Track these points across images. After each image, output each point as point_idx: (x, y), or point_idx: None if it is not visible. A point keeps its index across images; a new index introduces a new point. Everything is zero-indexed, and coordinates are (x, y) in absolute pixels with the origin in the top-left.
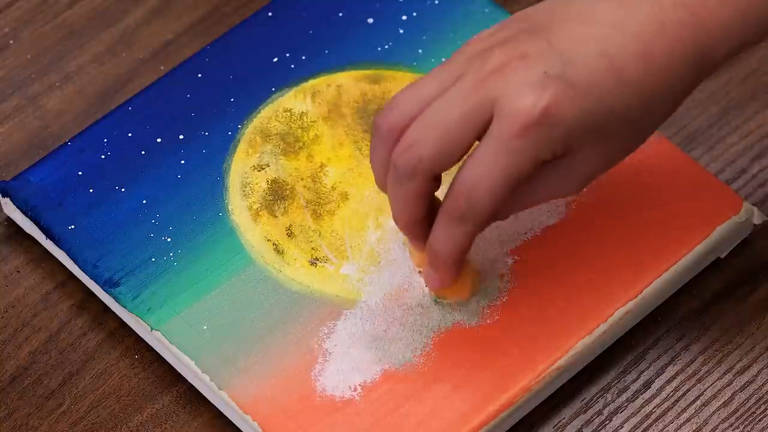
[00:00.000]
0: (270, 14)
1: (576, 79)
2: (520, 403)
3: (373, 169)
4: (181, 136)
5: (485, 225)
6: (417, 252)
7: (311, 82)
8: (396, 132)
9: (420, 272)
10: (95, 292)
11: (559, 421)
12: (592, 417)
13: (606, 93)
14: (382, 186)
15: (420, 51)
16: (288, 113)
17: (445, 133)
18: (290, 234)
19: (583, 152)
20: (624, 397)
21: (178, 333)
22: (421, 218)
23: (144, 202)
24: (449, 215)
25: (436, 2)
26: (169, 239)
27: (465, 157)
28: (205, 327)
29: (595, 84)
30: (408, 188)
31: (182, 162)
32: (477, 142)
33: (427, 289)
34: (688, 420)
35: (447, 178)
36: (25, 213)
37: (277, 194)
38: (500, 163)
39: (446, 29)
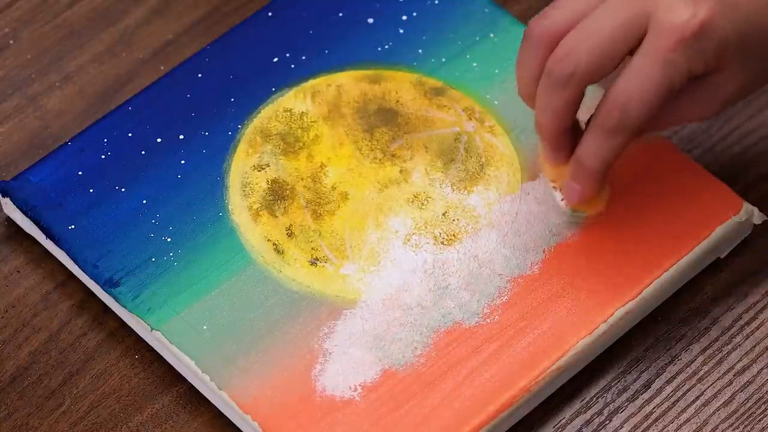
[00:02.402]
0: (270, 14)
1: None
2: (520, 403)
3: (520, 78)
4: (181, 136)
5: (635, 137)
6: (552, 167)
7: (311, 82)
8: (549, 39)
9: (555, 187)
10: (95, 292)
11: (559, 421)
12: (592, 417)
13: (757, 9)
14: (527, 95)
15: (420, 51)
16: (288, 113)
17: (602, 42)
18: (290, 234)
19: (729, 70)
20: (624, 397)
21: (178, 333)
22: (567, 128)
23: (144, 202)
24: (602, 127)
25: (436, 2)
26: (169, 239)
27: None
28: (205, 327)
29: (747, 1)
30: (562, 96)
31: (182, 162)
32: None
33: (562, 204)
34: (688, 420)
35: None
36: (25, 213)
37: (277, 194)
38: (656, 75)
39: (446, 29)
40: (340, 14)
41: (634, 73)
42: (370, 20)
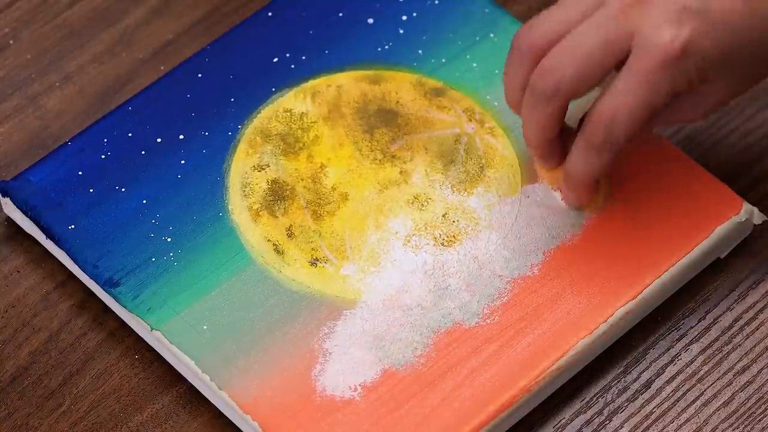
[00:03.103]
0: (270, 14)
1: (713, 13)
2: (520, 403)
3: (507, 88)
4: (181, 136)
5: (620, 152)
6: (545, 170)
7: (311, 83)
8: (535, 51)
9: (552, 188)
10: (95, 292)
11: (559, 421)
12: (592, 417)
13: (739, 25)
14: (514, 105)
15: (420, 51)
16: (288, 113)
17: (586, 59)
18: (290, 234)
19: (714, 83)
20: (624, 397)
21: (178, 333)
22: (553, 138)
23: (144, 202)
24: (588, 143)
25: (436, 2)
26: (169, 239)
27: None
28: (205, 327)
29: (730, 17)
30: (545, 111)
31: (182, 162)
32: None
33: (563, 203)
34: (688, 420)
35: None
36: (25, 213)
37: (277, 194)
38: (639, 95)
39: (446, 29)
40: (340, 14)
41: (619, 92)
42: (370, 20)
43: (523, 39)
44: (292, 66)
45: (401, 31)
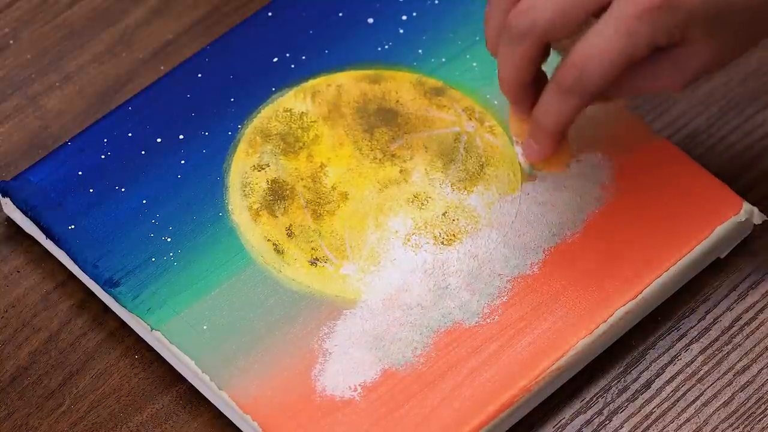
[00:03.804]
0: (270, 14)
1: None
2: (520, 403)
3: (487, 32)
4: (181, 136)
5: (590, 101)
6: (516, 122)
7: (311, 82)
8: None
9: (517, 143)
10: (95, 292)
11: (559, 421)
12: (592, 417)
13: None
14: (493, 48)
15: (420, 51)
16: (288, 113)
17: (564, 1)
18: (290, 234)
19: (697, 44)
20: (624, 397)
21: (178, 333)
22: (527, 83)
23: (144, 202)
24: (558, 85)
25: (436, 2)
26: (169, 239)
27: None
28: (205, 327)
29: None
30: (518, 50)
31: (182, 162)
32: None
33: (522, 160)
34: (688, 420)
35: None
36: (25, 213)
37: (277, 194)
38: (617, 41)
39: (446, 29)
40: (340, 14)
41: (596, 36)
42: (370, 20)
43: None
44: (292, 66)
45: (401, 31)
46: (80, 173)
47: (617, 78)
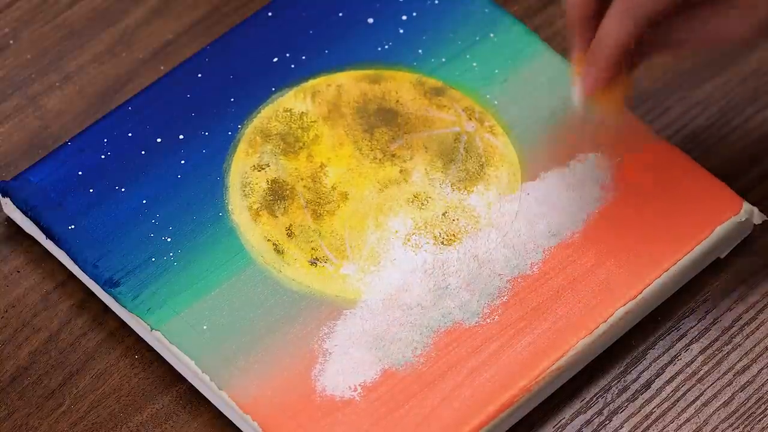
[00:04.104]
0: (270, 14)
1: None
2: (520, 403)
3: None
4: (181, 136)
5: (648, 23)
6: (578, 52)
7: (311, 82)
8: None
9: (576, 79)
10: (95, 292)
11: (559, 421)
12: (592, 417)
13: None
14: None
15: (420, 51)
16: (288, 113)
17: None
18: (290, 234)
19: None
20: (624, 397)
21: (178, 333)
22: (592, 12)
23: (144, 202)
24: (618, 5)
25: (436, 2)
26: (169, 239)
27: None
28: (205, 327)
29: None
30: None
31: (182, 162)
32: None
33: (578, 95)
34: (688, 420)
35: None
36: (25, 213)
37: (277, 194)
38: None
39: (446, 29)
40: (340, 14)
41: None
42: (370, 20)
43: None
44: (292, 66)
45: (401, 31)
46: (80, 173)
47: (674, 3)
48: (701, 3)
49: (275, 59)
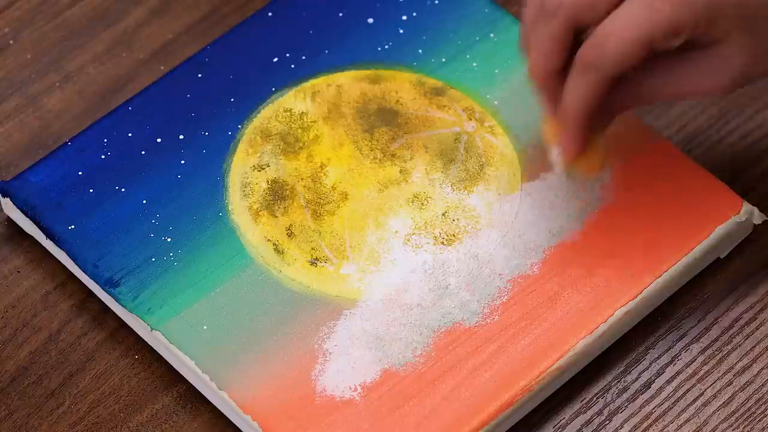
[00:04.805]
0: (270, 14)
1: None
2: (520, 403)
3: (524, 20)
4: (181, 136)
5: (611, 79)
6: (548, 123)
7: (311, 82)
8: None
9: (552, 146)
10: (95, 292)
11: (559, 421)
12: (592, 417)
13: None
14: (525, 43)
15: (420, 51)
16: (288, 113)
17: None
18: (290, 234)
19: (733, 42)
20: (624, 397)
21: (178, 333)
22: (555, 69)
23: (144, 202)
24: (580, 62)
25: (436, 2)
26: (169, 239)
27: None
28: (205, 327)
29: None
30: (549, 29)
31: (182, 162)
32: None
33: (557, 161)
34: (688, 420)
35: None
36: (25, 213)
37: (277, 194)
38: (639, 17)
39: (446, 29)
40: (340, 14)
41: (619, 13)
42: (370, 20)
43: None
44: (292, 66)
45: (401, 31)
46: (80, 173)
47: (639, 59)
48: (669, 56)
49: (275, 59)
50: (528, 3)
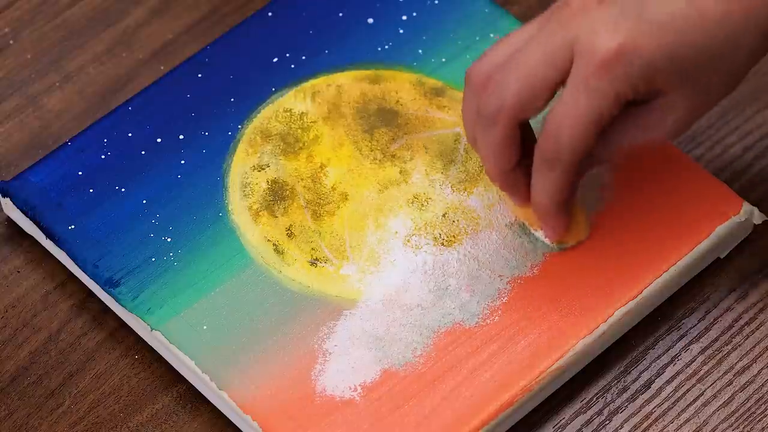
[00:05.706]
0: (270, 14)
1: (654, 16)
2: (520, 403)
3: (464, 123)
4: (181, 136)
5: (575, 167)
6: (523, 210)
7: (311, 82)
8: (484, 81)
9: (533, 228)
10: (95, 292)
11: (559, 421)
12: (592, 417)
13: (686, 27)
14: (473, 141)
15: (420, 51)
16: (288, 113)
17: (527, 75)
18: (290, 234)
19: (671, 95)
20: (624, 397)
21: (178, 333)
22: (511, 168)
23: (144, 202)
24: (540, 159)
25: (436, 2)
26: (169, 239)
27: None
28: (205, 327)
29: (674, 19)
30: (492, 134)
31: (182, 162)
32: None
33: (546, 240)
34: (688, 420)
35: None
36: (25, 213)
37: (277, 194)
38: (581, 102)
39: (446, 29)
40: (340, 14)
41: (562, 101)
42: (370, 20)
43: (474, 70)
44: (292, 66)
45: (401, 31)
46: (80, 173)
47: (596, 138)
48: (615, 120)
49: (275, 59)
50: (463, 108)
